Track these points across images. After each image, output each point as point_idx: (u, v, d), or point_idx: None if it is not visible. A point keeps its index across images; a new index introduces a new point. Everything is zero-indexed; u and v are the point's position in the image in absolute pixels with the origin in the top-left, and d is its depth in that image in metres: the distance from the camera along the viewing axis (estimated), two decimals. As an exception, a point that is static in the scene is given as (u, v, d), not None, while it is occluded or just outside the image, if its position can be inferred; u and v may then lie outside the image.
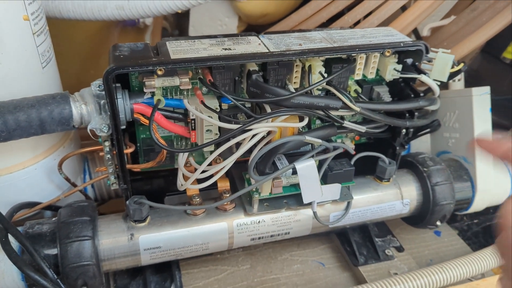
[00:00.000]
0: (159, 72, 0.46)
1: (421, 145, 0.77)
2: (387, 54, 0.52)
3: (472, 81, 0.81)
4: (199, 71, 0.50)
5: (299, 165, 0.51)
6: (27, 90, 0.48)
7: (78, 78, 0.88)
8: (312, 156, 0.53)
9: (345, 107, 0.51)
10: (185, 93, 0.51)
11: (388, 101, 0.55)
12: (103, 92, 0.47)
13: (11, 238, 0.47)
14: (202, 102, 0.48)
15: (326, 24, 0.73)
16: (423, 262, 0.68)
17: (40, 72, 0.51)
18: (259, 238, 0.58)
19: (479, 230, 0.76)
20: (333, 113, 0.52)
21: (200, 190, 0.57)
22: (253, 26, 0.89)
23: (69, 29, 0.82)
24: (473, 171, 0.64)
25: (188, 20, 0.92)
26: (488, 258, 0.63)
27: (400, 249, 0.69)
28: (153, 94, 0.49)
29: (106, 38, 0.86)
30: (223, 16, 0.86)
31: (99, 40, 0.87)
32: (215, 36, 0.52)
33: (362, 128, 0.54)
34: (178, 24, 1.02)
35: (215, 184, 0.57)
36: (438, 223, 0.64)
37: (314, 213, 0.56)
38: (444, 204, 0.61)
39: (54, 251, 0.49)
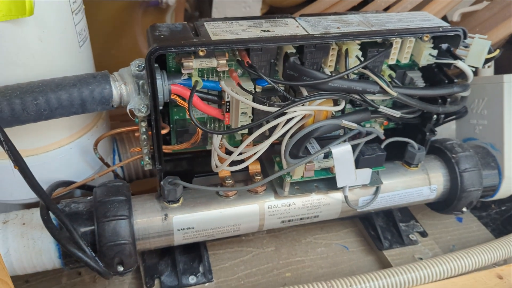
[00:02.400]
0: (201, 53, 0.45)
1: (445, 131, 0.77)
2: (426, 38, 0.52)
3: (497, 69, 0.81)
4: (236, 53, 0.50)
5: (335, 149, 0.51)
6: (65, 69, 0.48)
7: (99, 58, 0.88)
8: (345, 141, 0.53)
9: (382, 91, 0.51)
10: (221, 74, 0.51)
11: (424, 87, 0.55)
12: (142, 72, 0.47)
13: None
14: (239, 84, 0.48)
15: (357, 8, 0.72)
16: (446, 248, 0.69)
17: (78, 51, 0.51)
18: (289, 220, 0.58)
19: (499, 217, 0.77)
20: (369, 97, 0.52)
21: (231, 172, 0.57)
22: (276, 8, 0.88)
23: (91, 9, 0.81)
24: (501, 158, 0.64)
25: (209, 2, 0.91)
26: (511, 244, 0.63)
27: (423, 234, 0.69)
28: (189, 75, 0.49)
29: (128, 18, 0.86)
30: (246, -3, 0.86)
31: (121, 20, 0.86)
32: (252, 18, 0.52)
33: (397, 113, 0.54)
34: (198, 5, 1.01)
35: (245, 167, 0.57)
36: (464, 209, 0.64)
37: (345, 197, 0.56)
38: (472, 191, 0.62)
39: (91, 229, 0.50)
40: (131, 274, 0.62)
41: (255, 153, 0.52)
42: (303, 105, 0.49)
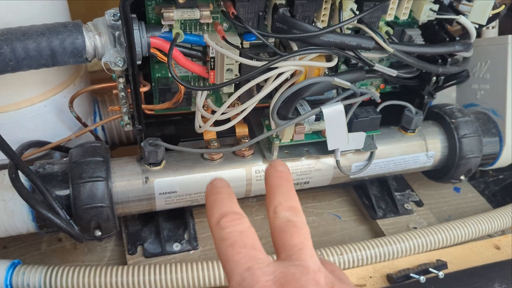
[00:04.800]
0: (180, 1, 0.42)
1: (445, 99, 0.73)
2: (426, -10, 0.48)
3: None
4: (221, 3, 0.46)
5: (326, 109, 0.48)
6: (34, 19, 0.44)
7: (84, 19, 0.84)
8: (338, 101, 0.50)
9: (378, 48, 0.47)
10: (205, 28, 0.47)
11: (423, 44, 0.52)
12: (118, 23, 0.43)
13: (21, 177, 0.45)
14: (224, 38, 0.45)
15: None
16: (442, 218, 0.67)
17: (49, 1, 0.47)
18: (278, 186, 0.55)
19: (497, 186, 0.74)
20: (363, 55, 0.48)
21: (218, 136, 0.54)
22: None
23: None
24: (503, 124, 0.61)
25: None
26: (509, 215, 0.61)
27: (419, 203, 0.67)
28: (171, 28, 0.46)
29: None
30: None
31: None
32: (238, -35, 0.48)
33: (393, 72, 0.50)
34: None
35: (232, 131, 0.54)
36: (463, 177, 0.61)
37: (337, 161, 0.53)
38: (470, 158, 0.59)
39: (66, 192, 0.47)
40: (114, 241, 0.60)
41: (241, 112, 0.48)
42: (293, 60, 0.46)
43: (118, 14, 0.43)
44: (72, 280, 0.49)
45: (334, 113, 0.48)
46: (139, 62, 0.45)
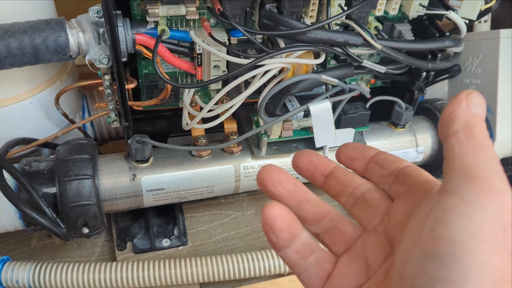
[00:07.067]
0: (164, -3, 0.41)
1: (437, 92, 0.73)
2: (415, -14, 0.48)
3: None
4: (207, -1, 0.46)
5: (313, 106, 0.47)
6: (18, 15, 0.44)
7: (75, 13, 0.83)
8: (327, 98, 0.49)
9: (366, 44, 0.47)
10: (191, 24, 0.47)
11: (412, 40, 0.51)
12: (102, 19, 0.42)
13: (6, 175, 0.45)
14: (210, 34, 0.44)
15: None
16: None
17: (33, -3, 0.46)
18: (267, 182, 0.55)
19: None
20: (352, 51, 0.48)
21: (206, 132, 0.54)
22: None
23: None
24: (494, 120, 0.61)
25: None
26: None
27: (409, 198, 0.67)
28: (156, 24, 0.45)
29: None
30: None
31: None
32: (225, -40, 0.47)
33: (382, 68, 0.50)
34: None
35: (221, 127, 0.54)
36: (452, 172, 0.61)
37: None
38: (460, 153, 0.59)
39: (52, 190, 0.47)
40: (104, 237, 0.60)
41: (228, 109, 0.48)
42: (281, 57, 0.45)
43: (102, 11, 0.42)
44: (60, 276, 0.49)
45: (321, 111, 0.48)
46: (124, 59, 0.44)
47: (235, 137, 0.53)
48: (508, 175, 0.23)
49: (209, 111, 0.49)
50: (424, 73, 0.55)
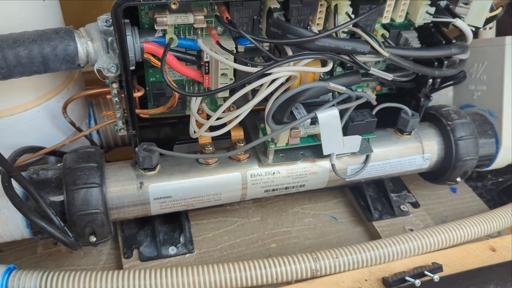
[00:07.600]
0: (173, 6, 0.41)
1: (442, 99, 0.73)
2: (422, -6, 0.48)
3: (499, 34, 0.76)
4: (215, 7, 0.46)
5: (321, 114, 0.47)
6: (27, 24, 0.44)
7: (80, 19, 0.83)
8: (334, 105, 0.49)
9: (373, 52, 0.47)
10: (199, 32, 0.47)
11: (419, 47, 0.51)
12: (111, 28, 0.43)
13: (14, 184, 0.45)
14: (218, 43, 0.44)
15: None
16: (438, 219, 0.67)
17: (41, 5, 0.46)
18: (273, 190, 0.55)
19: (495, 188, 0.74)
20: (359, 58, 0.48)
21: (212, 139, 0.54)
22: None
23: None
24: (499, 126, 0.61)
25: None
26: (506, 216, 0.61)
27: (415, 205, 0.67)
28: (164, 32, 0.45)
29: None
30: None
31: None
32: (232, -31, 0.47)
33: (389, 76, 0.50)
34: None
35: (228, 134, 0.54)
36: (459, 179, 0.61)
37: (333, 165, 0.53)
38: (467, 160, 0.59)
39: (60, 198, 0.47)
40: (110, 245, 0.60)
41: (236, 117, 0.48)
42: (288, 65, 0.45)
43: (111, 20, 0.42)
44: (67, 285, 0.49)
45: (329, 118, 0.48)
46: (132, 68, 0.44)
47: (242, 144, 0.53)
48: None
49: (217, 119, 0.49)
50: (431, 80, 0.55)
